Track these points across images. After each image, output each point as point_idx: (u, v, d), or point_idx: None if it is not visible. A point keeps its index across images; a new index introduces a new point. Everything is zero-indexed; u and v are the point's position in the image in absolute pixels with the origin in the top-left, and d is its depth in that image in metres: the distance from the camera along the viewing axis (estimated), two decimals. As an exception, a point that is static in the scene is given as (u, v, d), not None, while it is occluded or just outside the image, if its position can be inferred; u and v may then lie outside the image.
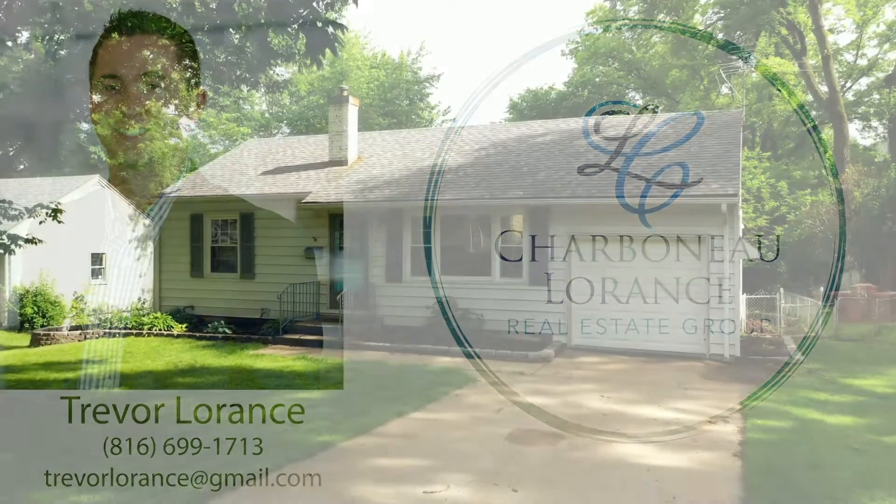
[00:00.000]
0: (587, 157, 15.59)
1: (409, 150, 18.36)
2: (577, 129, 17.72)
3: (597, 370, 12.23)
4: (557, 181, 14.56)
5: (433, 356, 13.38)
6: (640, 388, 10.62)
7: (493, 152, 17.00)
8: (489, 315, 14.60)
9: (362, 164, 17.88)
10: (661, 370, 12.19)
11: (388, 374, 11.50)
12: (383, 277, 15.82)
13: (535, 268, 14.42)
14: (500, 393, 10.15)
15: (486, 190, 14.78)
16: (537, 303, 14.38)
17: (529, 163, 15.83)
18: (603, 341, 14.03)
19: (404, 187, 15.77)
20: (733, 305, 13.04)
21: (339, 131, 18.02)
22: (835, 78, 28.02)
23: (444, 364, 12.51)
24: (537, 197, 14.16)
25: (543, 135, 17.63)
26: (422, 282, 15.41)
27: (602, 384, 10.90)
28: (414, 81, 35.07)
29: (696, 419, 8.69)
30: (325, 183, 16.90)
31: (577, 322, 14.21)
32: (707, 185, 13.17)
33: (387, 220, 15.74)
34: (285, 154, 20.04)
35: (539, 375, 11.59)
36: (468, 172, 15.91)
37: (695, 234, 13.37)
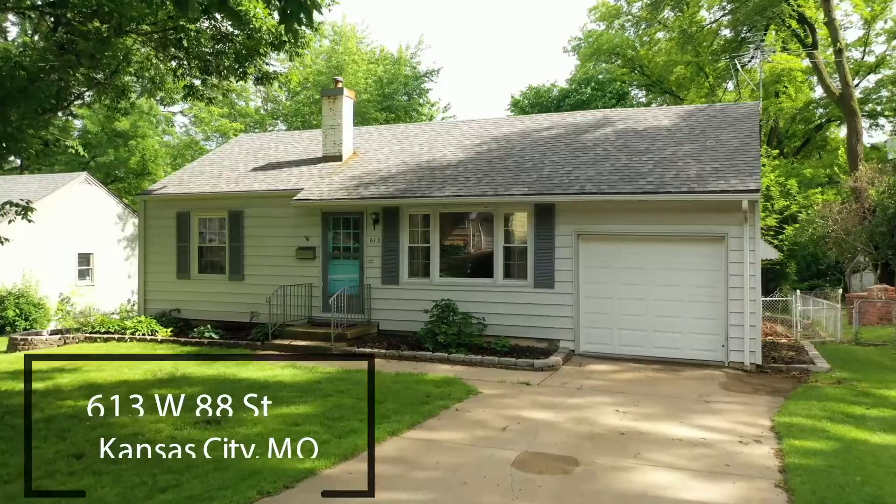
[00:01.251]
0: (595, 151, 14.69)
1: (406, 145, 17.45)
2: (583, 122, 16.81)
3: (608, 380, 11.32)
4: (564, 177, 13.66)
5: (432, 364, 12.48)
6: (658, 401, 9.71)
7: (494, 147, 16.09)
8: (492, 319, 13.70)
9: (358, 159, 16.98)
10: (677, 380, 11.28)
11: (383, 384, 10.59)
12: (379, 279, 14.92)
13: (541, 269, 13.51)
14: (504, 407, 9.24)
15: (489, 186, 13.88)
16: (543, 306, 13.48)
17: (534, 158, 14.93)
18: (613, 348, 13.12)
19: (401, 184, 14.87)
20: (754, 310, 12.13)
21: (333, 125, 17.11)
22: (847, 72, 27.10)
23: (444, 373, 11.61)
24: (543, 193, 13.25)
25: (548, 128, 16.73)
26: (420, 284, 14.51)
27: (616, 396, 10.00)
28: (413, 76, 34.15)
29: (725, 439, 7.78)
30: (317, 179, 15.99)
31: (585, 327, 13.31)
32: (726, 181, 12.26)
33: (383, 218, 14.84)
34: (277, 150, 19.13)
35: (546, 386, 10.69)
36: (469, 168, 15.01)
37: (712, 233, 12.46)
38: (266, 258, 16.09)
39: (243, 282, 16.32)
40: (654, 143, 14.50)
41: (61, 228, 24.39)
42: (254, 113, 35.53)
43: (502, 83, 73.90)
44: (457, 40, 76.80)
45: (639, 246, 13.05)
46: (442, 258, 14.54)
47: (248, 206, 16.31)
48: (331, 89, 17.43)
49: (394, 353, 13.03)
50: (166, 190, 17.47)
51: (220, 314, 16.38)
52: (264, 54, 15.20)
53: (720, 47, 36.34)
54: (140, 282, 17.56)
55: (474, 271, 14.40)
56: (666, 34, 44.45)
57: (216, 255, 16.96)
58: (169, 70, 16.38)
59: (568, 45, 54.12)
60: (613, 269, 13.21)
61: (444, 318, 13.33)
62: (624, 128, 15.77)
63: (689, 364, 12.44)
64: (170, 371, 11.80)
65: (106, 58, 15.06)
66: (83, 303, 24.33)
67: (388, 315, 14.80)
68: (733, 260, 12.27)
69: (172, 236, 17.14)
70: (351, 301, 14.66)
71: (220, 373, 11.60)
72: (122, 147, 32.59)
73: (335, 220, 15.55)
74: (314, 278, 15.57)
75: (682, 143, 14.31)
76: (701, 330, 12.61)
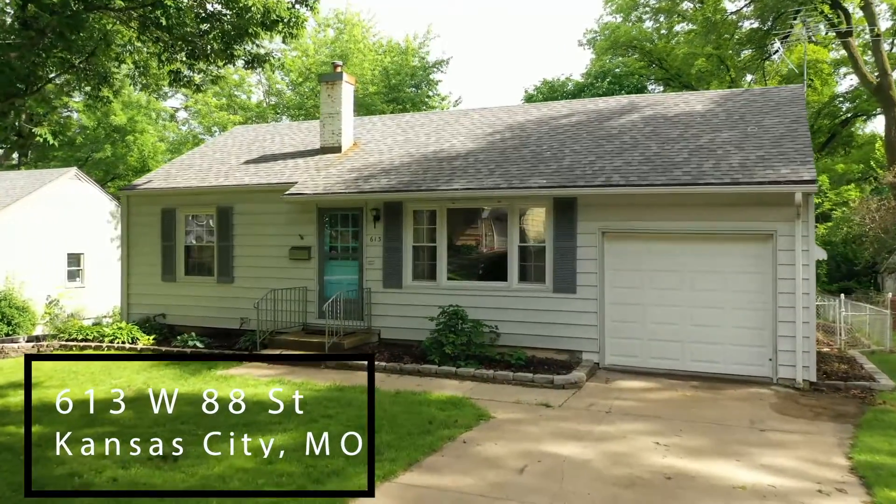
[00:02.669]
0: (622, 139, 13.14)
1: (412, 135, 15.97)
2: (606, 108, 15.24)
3: (641, 400, 9.78)
4: (587, 167, 12.13)
5: (438, 379, 10.99)
6: (704, 430, 8.17)
7: (508, 136, 14.57)
8: (506, 328, 12.20)
9: (358, 150, 15.51)
10: (721, 400, 9.73)
11: (381, 406, 9.10)
12: (380, 282, 13.44)
13: (561, 271, 11.99)
14: (521, 438, 7.73)
15: (502, 178, 12.37)
16: (563, 313, 11.96)
17: (553, 147, 13.40)
18: (643, 361, 11.58)
19: (405, 176, 13.39)
20: (808, 319, 10.55)
21: (331, 113, 15.64)
22: (886, 60, 25.33)
23: (452, 391, 10.11)
24: (563, 186, 11.72)
25: (568, 116, 15.18)
26: (426, 288, 13.02)
27: (653, 423, 8.46)
28: (421, 66, 32.59)
29: (798, 486, 6.24)
30: (313, 172, 14.53)
31: (611, 337, 11.77)
32: (774, 170, 10.68)
33: (385, 214, 13.37)
34: (273, 142, 17.71)
35: (570, 408, 9.17)
36: (480, 159, 13.50)
37: (758, 231, 10.89)
38: (257, 259, 14.66)
39: (233, 285, 14.89)
40: (687, 130, 12.93)
41: (49, 227, 23.10)
42: (255, 106, 34.10)
43: (515, 77, 72.29)
44: (467, 32, 75.20)
45: (672, 245, 11.49)
46: (450, 259, 13.05)
47: (238, 201, 14.87)
48: (329, 74, 15.97)
49: (395, 367, 11.54)
50: (151, 185, 16.08)
51: (208, 320, 14.98)
52: (254, 35, 13.76)
53: (745, 37, 34.58)
54: (123, 285, 16.18)
55: (486, 274, 12.90)
56: (686, 25, 42.79)
57: (204, 255, 15.55)
58: (153, 54, 14.99)
59: (583, 38, 52.33)
60: (643, 272, 11.66)
61: (452, 327, 11.84)
62: (652, 114, 14.20)
63: (731, 380, 10.88)
64: (139, 388, 10.38)
65: (80, 38, 13.72)
66: (73, 305, 23.05)
67: (389, 322, 13.33)
68: (783, 262, 10.69)
69: (157, 235, 15.74)
70: (349, 306, 13.21)
71: (194, 390, 10.17)
72: (119, 143, 31.34)
73: (332, 216, 14.09)
74: (309, 281, 14.12)
75: (719, 129, 12.74)
76: (744, 341, 11.04)
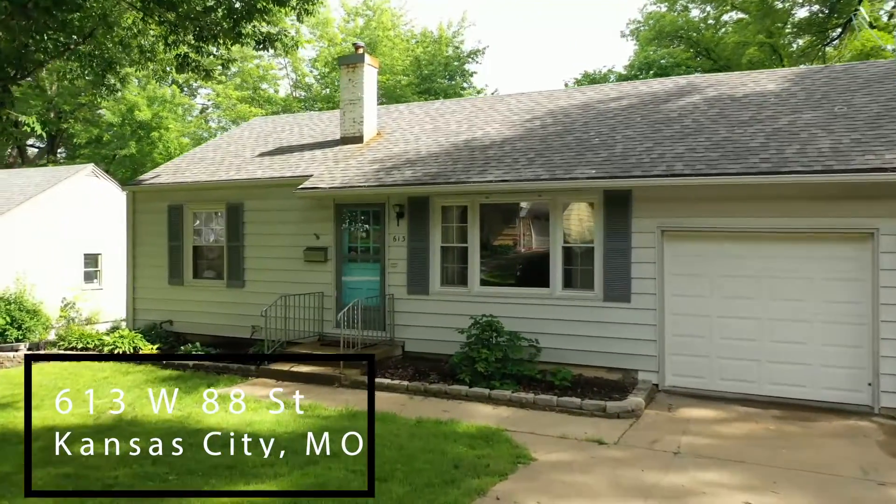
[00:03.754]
0: (683, 122, 11.34)
1: (441, 123, 14.36)
2: (661, 90, 13.41)
3: (716, 436, 8.01)
4: (644, 154, 10.37)
5: (469, 403, 9.37)
6: (805, 483, 6.39)
7: (550, 122, 12.87)
8: (547, 341, 10.52)
9: (382, 140, 13.96)
10: (815, 438, 7.90)
11: (397, 440, 7.53)
12: (404, 288, 11.87)
13: (613, 276, 10.26)
14: (570, 494, 6.07)
15: (544, 169, 10.68)
16: (615, 325, 10.23)
17: (601, 133, 11.67)
18: (710, 383, 9.79)
19: (432, 167, 11.80)
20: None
21: (352, 100, 14.11)
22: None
23: (484, 419, 8.49)
24: (616, 176, 9.99)
25: (617, 99, 13.40)
26: (455, 294, 11.42)
27: (736, 470, 6.70)
28: (455, 56, 30.89)
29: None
30: (331, 164, 13.04)
31: (672, 354, 10.01)
32: (876, 155, 8.81)
33: (409, 211, 11.80)
34: (292, 132, 16.27)
35: (629, 447, 7.46)
36: (518, 147, 11.83)
37: (854, 228, 9.03)
38: (269, 261, 13.22)
39: (243, 289, 13.48)
40: (761, 112, 11.08)
41: (65, 226, 22.07)
42: (281, 100, 32.83)
43: (554, 70, 69.81)
44: (503, 23, 73.03)
45: (747, 246, 9.68)
46: (483, 262, 11.43)
47: (249, 197, 13.46)
48: (349, 56, 14.44)
49: (419, 387, 9.95)
50: (158, 179, 14.77)
51: (217, 328, 13.62)
52: (265, 11, 12.33)
53: (805, 21, 32.25)
54: (128, 289, 14.92)
55: (525, 279, 11.24)
56: (734, 14, 40.52)
57: (213, 257, 14.18)
58: (159, 36, 13.67)
59: (626, 29, 50.33)
60: (711, 278, 9.87)
61: (486, 340, 10.20)
62: (716, 95, 12.36)
63: (821, 409, 9.03)
64: (122, 411, 8.96)
65: (75, 18, 12.45)
66: (89, 308, 21.98)
67: (415, 333, 11.75)
68: (886, 266, 8.81)
69: (164, 234, 14.43)
70: (369, 315, 11.69)
71: (182, 415, 8.72)
72: (145, 139, 30.39)
73: (351, 213, 12.58)
74: (326, 285, 12.62)
75: (799, 110, 10.85)
76: (836, 362, 9.17)
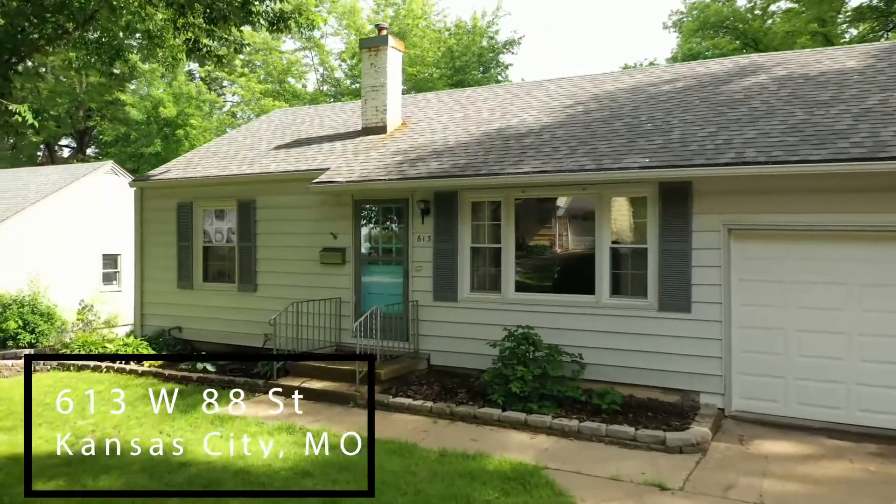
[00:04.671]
0: (750, 104, 9.84)
1: (472, 111, 13.04)
2: (721, 70, 11.90)
3: (804, 479, 6.54)
4: (706, 141, 8.91)
5: (500, 430, 8.04)
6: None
7: (594, 107, 11.46)
8: (592, 356, 9.13)
9: (407, 130, 12.70)
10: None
11: (413, 484, 6.23)
12: (430, 294, 10.58)
13: (670, 282, 8.83)
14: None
15: (588, 158, 9.29)
16: (673, 339, 8.79)
17: (654, 118, 10.23)
18: (786, 407, 8.30)
19: (461, 158, 10.49)
20: None
21: (375, 86, 12.87)
22: None
23: (518, 453, 7.15)
24: (673, 166, 8.55)
25: (670, 81, 11.94)
26: (487, 301, 10.09)
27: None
28: (489, 48, 29.49)
29: None
30: (350, 157, 11.82)
31: (740, 373, 8.54)
32: None
33: (435, 207, 10.51)
34: (312, 124, 15.11)
35: (697, 495, 6.05)
36: (557, 135, 10.45)
37: (970, 227, 7.48)
38: (283, 263, 12.06)
39: (255, 294, 12.34)
40: (842, 91, 9.52)
41: (82, 226, 21.29)
42: (308, 94, 31.79)
43: (592, 63, 67.90)
44: (539, 15, 71.26)
45: (832, 247, 8.17)
46: (518, 264, 10.08)
47: (261, 193, 12.31)
48: (372, 38, 13.18)
49: (444, 409, 8.64)
50: (167, 174, 13.72)
51: (228, 335, 12.51)
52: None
53: (864, 8, 30.23)
54: (136, 293, 13.90)
55: (565, 284, 9.86)
56: (782, 3, 38.51)
57: (224, 258, 13.07)
58: (167, 20, 12.63)
59: (668, 21, 48.52)
60: (786, 285, 8.37)
61: (521, 355, 8.84)
62: (786, 73, 10.82)
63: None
64: (100, 437, 7.83)
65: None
66: (108, 311, 21.14)
67: (441, 344, 10.46)
68: None
69: (173, 234, 13.37)
70: (391, 323, 10.44)
71: (168, 443, 7.54)
72: (171, 137, 29.66)
73: (372, 210, 11.35)
74: (344, 290, 11.41)
75: (889, 88, 9.27)
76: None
